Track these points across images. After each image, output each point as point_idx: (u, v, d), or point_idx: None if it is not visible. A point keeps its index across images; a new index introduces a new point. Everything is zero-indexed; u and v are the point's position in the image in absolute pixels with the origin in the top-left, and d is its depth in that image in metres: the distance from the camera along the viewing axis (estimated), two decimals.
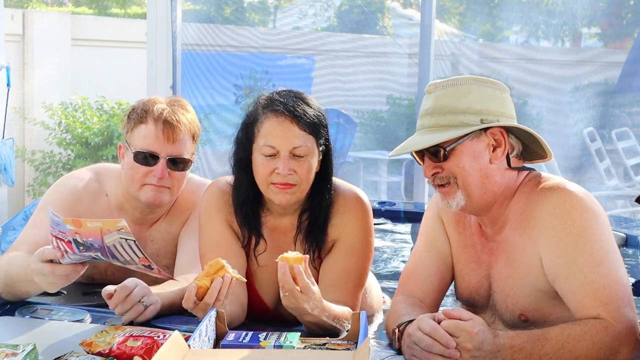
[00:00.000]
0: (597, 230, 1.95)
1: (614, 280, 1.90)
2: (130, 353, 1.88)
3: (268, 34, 9.29)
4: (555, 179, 2.07)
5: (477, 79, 2.05)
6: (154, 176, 2.46)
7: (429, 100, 2.05)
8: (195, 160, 2.58)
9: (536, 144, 2.09)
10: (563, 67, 9.57)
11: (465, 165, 2.01)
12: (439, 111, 2.01)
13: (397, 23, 12.66)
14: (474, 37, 11.54)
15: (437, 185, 2.07)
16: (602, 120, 8.63)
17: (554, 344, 1.82)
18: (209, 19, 8.61)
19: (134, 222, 2.61)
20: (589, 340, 1.82)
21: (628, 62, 7.97)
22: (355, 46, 9.07)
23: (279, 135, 2.19)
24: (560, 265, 1.94)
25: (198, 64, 6.76)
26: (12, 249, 2.45)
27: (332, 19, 11.18)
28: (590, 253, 1.92)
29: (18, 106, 7.23)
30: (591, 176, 7.79)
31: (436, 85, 2.06)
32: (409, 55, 7.98)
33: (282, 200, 2.23)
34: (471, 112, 1.99)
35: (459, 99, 2.00)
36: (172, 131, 2.45)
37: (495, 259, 2.11)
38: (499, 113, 2.02)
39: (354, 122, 8.45)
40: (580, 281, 1.90)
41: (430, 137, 2.00)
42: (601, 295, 1.88)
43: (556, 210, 1.97)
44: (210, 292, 1.98)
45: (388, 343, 2.09)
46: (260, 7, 11.74)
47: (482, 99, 2.01)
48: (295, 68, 8.25)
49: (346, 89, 8.60)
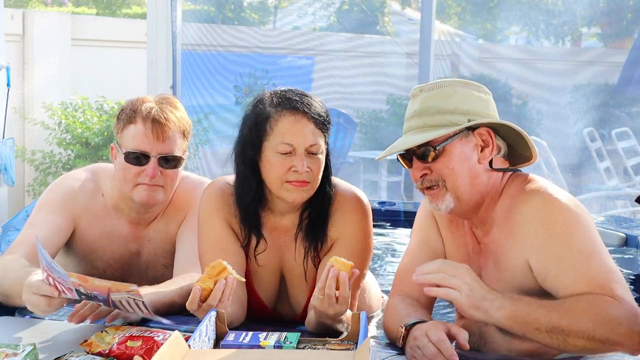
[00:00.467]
0: (580, 228, 1.95)
1: (608, 268, 1.91)
2: (130, 353, 1.88)
3: (268, 34, 9.30)
4: (540, 182, 2.07)
5: (461, 81, 2.08)
6: (146, 175, 2.45)
7: (415, 102, 2.06)
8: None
9: (522, 144, 2.09)
10: (563, 67, 9.58)
11: (454, 166, 2.02)
12: (426, 112, 2.03)
13: (397, 23, 12.68)
14: (474, 37, 11.55)
15: (425, 188, 2.07)
16: (602, 120, 8.64)
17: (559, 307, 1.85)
18: (209, 19, 8.62)
19: (130, 222, 2.61)
20: (593, 310, 1.84)
21: (628, 62, 7.97)
22: (355, 46, 9.08)
23: (297, 133, 2.19)
24: (549, 265, 1.94)
25: (198, 64, 6.77)
26: (10, 251, 2.44)
27: (332, 19, 11.19)
28: (578, 249, 1.92)
29: (18, 106, 7.22)
30: (591, 176, 7.80)
31: (421, 88, 2.07)
32: (409, 55, 7.99)
33: (297, 198, 2.22)
34: (458, 112, 2.01)
35: (445, 99, 2.02)
36: (161, 129, 2.44)
37: (485, 261, 2.12)
38: (484, 114, 2.04)
39: (354, 122, 8.45)
40: (574, 275, 1.91)
41: (419, 136, 2.01)
42: (596, 281, 1.89)
43: (538, 213, 1.97)
44: (214, 294, 1.98)
45: (387, 343, 2.09)
46: (260, 7, 11.75)
47: (467, 100, 2.03)
48: (295, 68, 8.26)
49: (346, 88, 8.61)
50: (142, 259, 2.64)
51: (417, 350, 1.87)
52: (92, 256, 2.61)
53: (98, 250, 2.60)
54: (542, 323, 1.83)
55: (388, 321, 2.15)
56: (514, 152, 2.12)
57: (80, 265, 2.62)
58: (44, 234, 2.46)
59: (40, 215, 2.53)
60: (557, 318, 1.83)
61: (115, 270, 2.53)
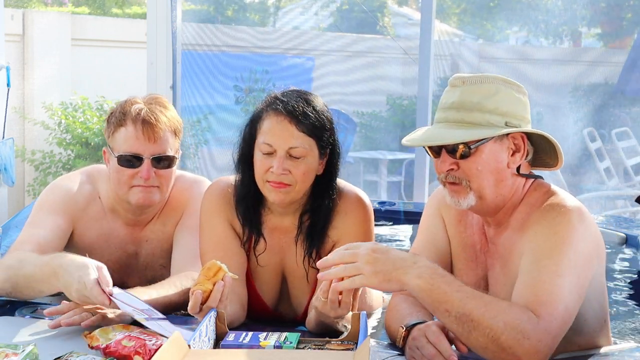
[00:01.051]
0: (574, 252, 1.89)
1: (563, 297, 1.84)
2: (122, 352, 1.88)
3: (268, 34, 9.29)
4: (561, 195, 2.02)
5: (504, 79, 2.02)
6: (141, 177, 2.45)
7: (454, 93, 1.99)
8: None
9: (549, 152, 2.06)
10: (563, 67, 9.57)
11: (483, 168, 1.97)
12: (465, 107, 1.96)
13: (397, 23, 12.67)
14: (474, 37, 11.55)
15: (448, 182, 2.03)
16: (602, 120, 8.63)
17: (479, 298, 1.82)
18: (209, 19, 8.62)
19: (127, 223, 2.60)
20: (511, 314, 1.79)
21: (628, 62, 7.97)
22: (355, 46, 9.07)
23: (277, 134, 2.20)
24: (528, 261, 1.91)
25: (198, 64, 6.76)
26: (14, 249, 2.44)
27: (332, 19, 11.18)
28: (556, 263, 1.87)
29: (18, 106, 7.22)
30: (591, 176, 7.80)
31: (463, 79, 1.99)
32: (409, 55, 7.98)
33: (276, 198, 2.23)
34: (497, 113, 1.96)
35: (487, 97, 1.96)
36: (152, 130, 2.43)
37: (492, 262, 2.10)
38: (521, 117, 2.00)
39: (354, 122, 8.45)
40: (534, 276, 1.87)
41: (456, 132, 1.95)
42: (543, 294, 1.84)
43: (547, 223, 1.93)
44: (214, 295, 1.98)
45: (388, 343, 2.09)
46: (260, 7, 11.75)
47: (509, 101, 1.98)
48: (295, 68, 8.25)
49: (346, 88, 8.60)
50: (140, 260, 2.64)
51: (417, 351, 1.87)
52: (90, 257, 2.61)
53: (96, 253, 2.59)
54: (455, 306, 1.80)
55: (389, 321, 2.14)
56: (537, 156, 2.10)
57: None
58: (47, 234, 2.47)
59: (42, 215, 2.53)
60: (471, 306, 1.80)
61: (114, 272, 2.52)
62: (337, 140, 2.30)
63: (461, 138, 1.95)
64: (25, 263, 2.29)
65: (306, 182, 2.24)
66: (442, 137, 1.97)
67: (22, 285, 2.29)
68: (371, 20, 9.00)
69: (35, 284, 2.26)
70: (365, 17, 9.13)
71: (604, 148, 7.93)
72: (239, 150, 2.32)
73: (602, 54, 10.56)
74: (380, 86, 8.94)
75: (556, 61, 9.83)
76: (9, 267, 2.33)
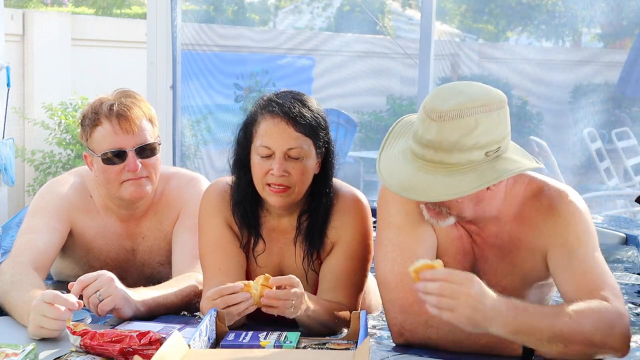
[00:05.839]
0: (591, 228, 2.04)
1: (605, 271, 1.98)
2: (98, 344, 1.88)
3: (268, 34, 9.30)
4: (548, 182, 2.08)
5: (483, 102, 1.88)
6: (128, 171, 2.44)
7: (431, 128, 1.89)
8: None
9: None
10: (563, 67, 9.57)
11: (464, 200, 1.96)
12: (443, 147, 1.88)
13: (397, 23, 12.67)
14: (474, 37, 11.55)
15: (427, 207, 2.01)
16: (602, 120, 8.63)
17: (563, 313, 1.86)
18: (209, 19, 8.61)
19: (121, 219, 2.61)
20: (595, 314, 1.87)
21: (628, 62, 7.96)
22: (355, 46, 9.07)
23: (274, 136, 2.20)
24: (561, 255, 1.99)
25: (198, 64, 6.75)
26: (13, 256, 2.42)
27: (332, 19, 11.19)
28: (586, 245, 2.00)
29: (18, 106, 7.22)
30: (591, 176, 7.79)
31: (440, 113, 1.87)
32: (409, 55, 7.97)
33: (276, 202, 2.23)
34: (477, 148, 1.88)
35: (465, 134, 1.86)
36: (128, 122, 2.43)
37: (482, 253, 2.11)
38: (500, 138, 1.91)
39: (354, 122, 8.45)
40: (577, 265, 1.97)
41: (437, 181, 1.89)
42: (597, 279, 1.95)
43: (559, 214, 2.02)
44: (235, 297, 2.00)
45: (388, 343, 2.09)
46: (260, 7, 11.75)
47: (488, 130, 1.88)
48: (295, 68, 8.25)
49: (346, 88, 8.60)
50: (138, 257, 2.64)
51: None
52: (88, 256, 2.62)
53: (94, 250, 2.60)
54: (545, 333, 1.84)
55: None
56: None
57: (77, 266, 2.63)
58: (46, 238, 2.46)
59: (37, 220, 2.51)
60: (560, 325, 1.84)
61: (112, 269, 2.53)
62: (331, 139, 2.31)
63: (444, 193, 1.89)
64: (15, 287, 2.25)
65: (305, 182, 2.24)
66: (424, 192, 1.91)
67: (7, 308, 2.26)
68: (371, 20, 9.00)
69: (14, 315, 2.22)
70: (365, 17, 9.12)
71: (604, 148, 7.93)
72: (234, 155, 2.32)
73: (602, 54, 10.57)
74: (381, 86, 8.94)
75: (556, 61, 9.83)
76: (3, 283, 2.30)
